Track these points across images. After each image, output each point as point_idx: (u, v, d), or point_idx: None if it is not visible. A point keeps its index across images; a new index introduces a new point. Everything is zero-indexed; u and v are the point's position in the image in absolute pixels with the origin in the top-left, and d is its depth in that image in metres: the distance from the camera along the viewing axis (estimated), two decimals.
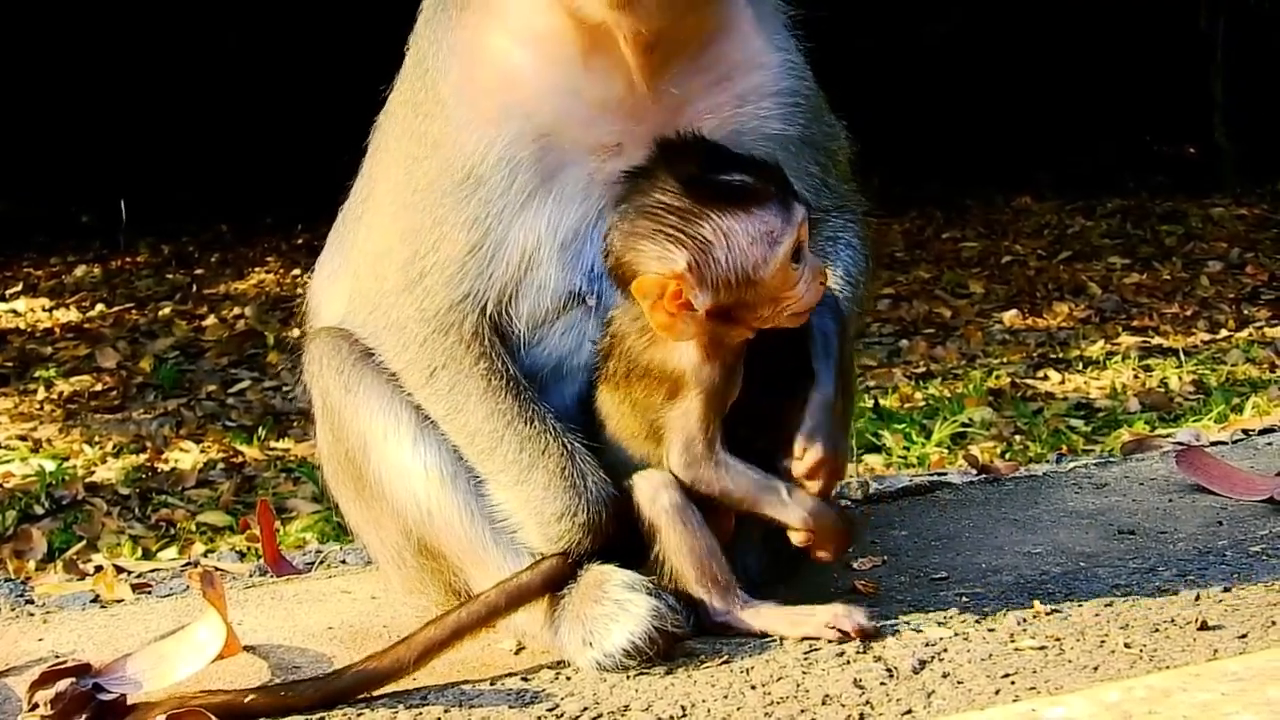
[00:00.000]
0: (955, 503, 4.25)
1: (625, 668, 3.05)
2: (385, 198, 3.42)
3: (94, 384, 9.97)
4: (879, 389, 8.86)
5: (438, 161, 3.26)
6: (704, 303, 3.02)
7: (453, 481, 3.27)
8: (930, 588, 3.47)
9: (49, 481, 7.59)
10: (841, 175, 3.49)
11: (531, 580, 3.16)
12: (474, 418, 3.23)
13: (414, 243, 3.28)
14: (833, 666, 3.01)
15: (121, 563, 5.17)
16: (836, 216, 3.46)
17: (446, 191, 3.24)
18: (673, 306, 3.02)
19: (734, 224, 3.02)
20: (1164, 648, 3.03)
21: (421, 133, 3.32)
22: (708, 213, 3.02)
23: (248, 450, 8.30)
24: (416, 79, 3.37)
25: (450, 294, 3.23)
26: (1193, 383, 8.84)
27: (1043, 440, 7.64)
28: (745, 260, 3.01)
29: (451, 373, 3.25)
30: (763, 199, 3.03)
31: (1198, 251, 12.77)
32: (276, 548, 4.36)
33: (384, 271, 3.35)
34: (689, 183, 3.03)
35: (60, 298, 12.46)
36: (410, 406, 3.31)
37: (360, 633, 3.47)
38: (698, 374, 3.11)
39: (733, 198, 3.02)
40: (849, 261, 3.42)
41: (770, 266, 3.02)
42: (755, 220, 3.02)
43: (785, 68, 3.35)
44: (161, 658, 3.14)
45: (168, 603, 3.89)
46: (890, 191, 13.72)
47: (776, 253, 3.02)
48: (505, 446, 3.21)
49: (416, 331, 3.27)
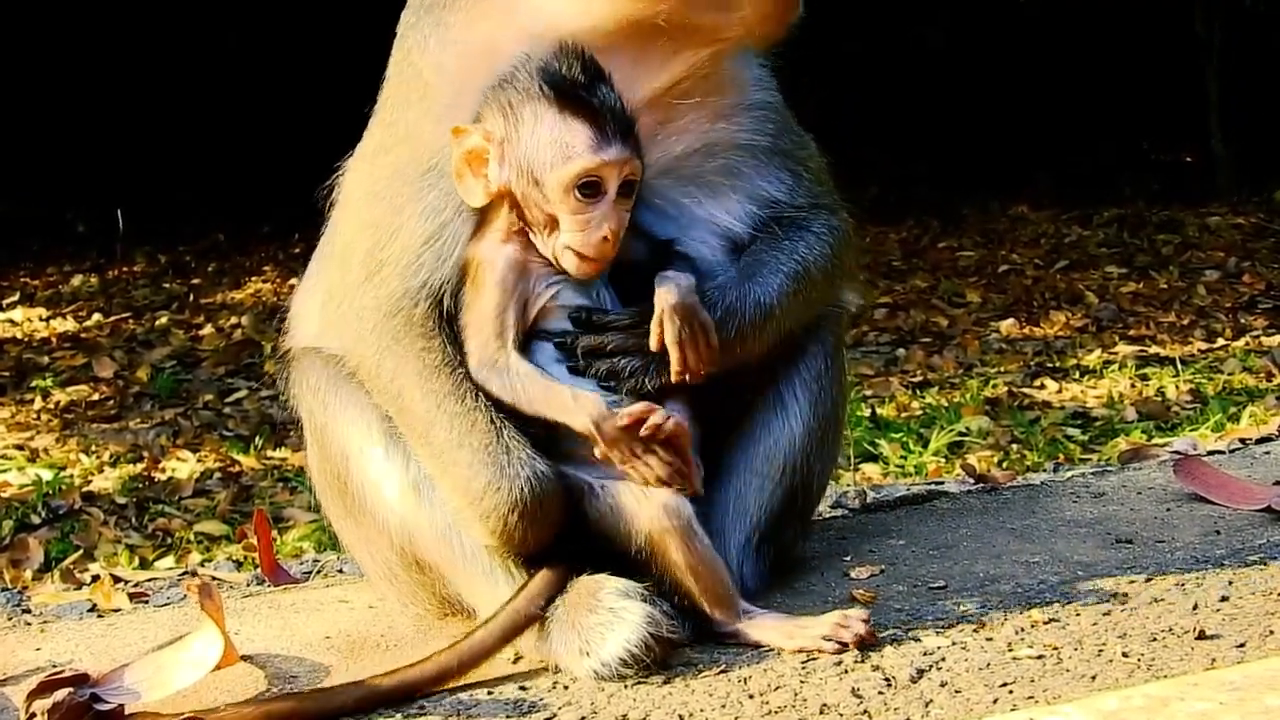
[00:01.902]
0: (953, 512, 4.25)
1: (623, 676, 3.04)
2: (353, 193, 3.44)
3: (91, 393, 9.97)
4: (876, 398, 8.87)
5: (405, 151, 3.29)
6: (498, 176, 3.14)
7: (419, 492, 3.28)
8: (928, 596, 3.47)
9: (46, 491, 7.60)
10: (815, 179, 3.54)
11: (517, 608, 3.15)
12: (412, 402, 3.23)
13: (375, 233, 3.30)
14: (831, 675, 3.00)
15: (118, 572, 5.17)
16: (809, 214, 3.49)
17: (409, 180, 3.26)
18: (474, 161, 3.15)
19: (549, 121, 3.12)
20: (1162, 657, 3.03)
21: (394, 122, 3.35)
22: (540, 99, 3.13)
23: (244, 459, 8.30)
24: (400, 74, 3.39)
25: (405, 283, 3.24)
26: (1190, 392, 8.85)
27: (1040, 449, 7.65)
28: (536, 156, 3.13)
29: (395, 358, 3.24)
30: (587, 119, 3.11)
31: (1194, 260, 12.78)
32: (273, 557, 4.35)
33: (348, 264, 3.37)
34: (547, 72, 3.13)
35: (57, 307, 12.47)
36: (382, 418, 3.31)
37: (358, 642, 3.47)
38: (493, 264, 3.18)
39: (565, 102, 3.12)
40: (801, 244, 3.44)
41: (553, 177, 3.12)
42: (566, 130, 3.12)
43: (755, 82, 3.45)
44: (159, 668, 3.13)
45: (165, 612, 3.88)
46: (886, 200, 13.76)
47: (565, 168, 3.11)
48: (437, 429, 3.20)
49: (371, 320, 3.28)
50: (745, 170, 3.41)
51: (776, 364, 3.47)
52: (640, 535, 3.13)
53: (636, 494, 3.14)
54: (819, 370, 3.53)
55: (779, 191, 3.43)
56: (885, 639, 3.16)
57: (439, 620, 3.47)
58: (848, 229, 3.57)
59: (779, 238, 3.41)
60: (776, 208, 3.44)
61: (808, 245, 3.44)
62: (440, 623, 3.47)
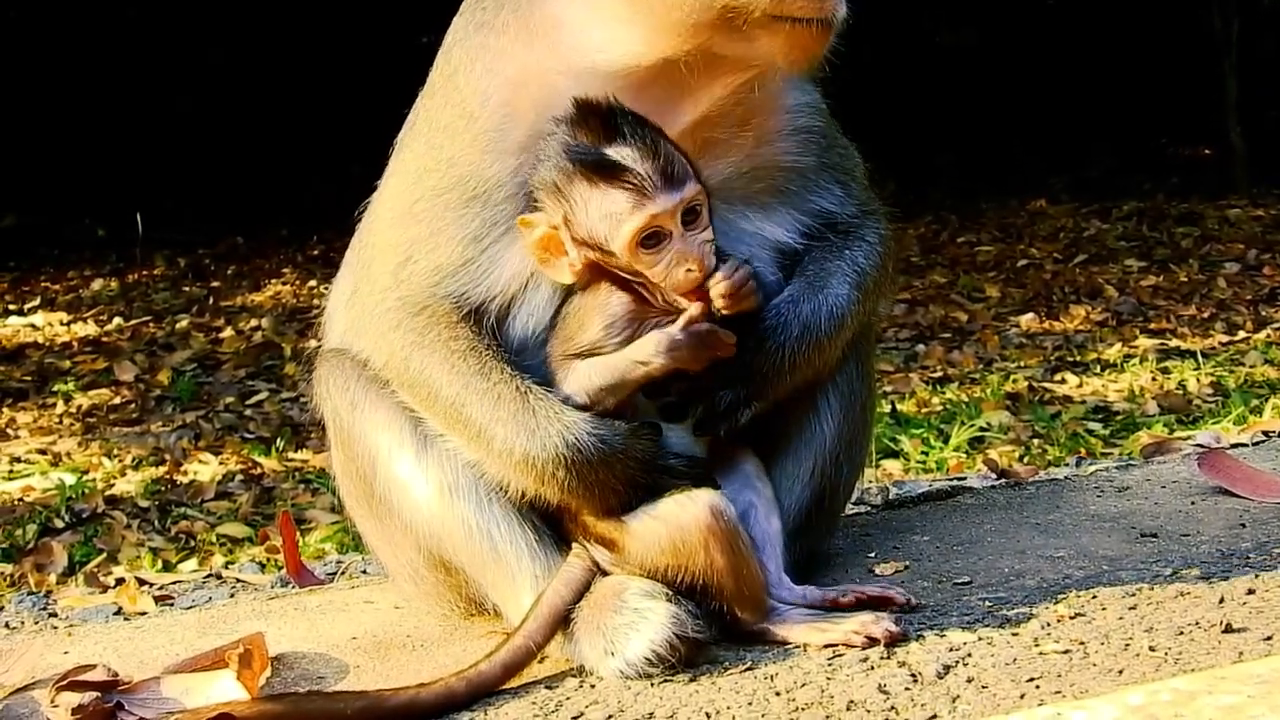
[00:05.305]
0: (976, 507, 4.24)
1: (649, 675, 3.05)
2: (389, 207, 3.45)
3: (112, 397, 10.00)
4: (896, 394, 8.86)
5: (450, 177, 3.30)
6: (577, 254, 3.19)
7: (453, 494, 3.28)
8: (953, 592, 3.47)
9: (69, 495, 7.62)
10: (861, 185, 3.59)
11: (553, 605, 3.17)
12: (441, 389, 3.24)
13: (409, 249, 3.32)
14: (857, 672, 3.01)
15: (143, 575, 5.19)
16: (858, 221, 3.53)
17: (451, 206, 3.28)
18: (550, 247, 3.20)
19: (590, 196, 3.16)
20: (1189, 651, 3.03)
21: (439, 146, 3.34)
22: (576, 178, 3.17)
23: (266, 462, 8.32)
24: (445, 95, 3.39)
25: (434, 290, 3.28)
26: (1211, 384, 8.82)
27: (1061, 444, 7.64)
28: (595, 230, 3.16)
29: (423, 351, 3.26)
30: (620, 183, 3.14)
31: (1214, 253, 12.75)
32: (299, 558, 4.37)
33: (375, 274, 3.39)
34: (570, 148, 3.17)
35: (77, 311, 12.51)
36: (412, 420, 3.33)
37: (384, 643, 3.48)
38: (605, 307, 3.21)
39: (594, 174, 3.15)
40: (859, 253, 3.48)
41: (617, 245, 3.15)
42: (606, 200, 3.15)
43: (801, 109, 3.47)
44: (188, 690, 3.13)
45: (191, 614, 3.90)
46: (905, 196, 13.72)
47: (620, 235, 3.14)
48: (469, 409, 3.21)
49: (396, 317, 3.30)
50: (794, 188, 3.45)
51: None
52: (684, 538, 3.11)
53: (679, 499, 3.12)
54: (851, 376, 3.55)
55: (831, 203, 3.48)
56: (911, 635, 3.16)
57: (464, 620, 3.48)
58: (890, 234, 3.60)
59: (837, 246, 3.45)
60: (829, 217, 3.48)
61: (865, 254, 3.48)
62: (466, 623, 3.48)
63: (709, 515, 3.10)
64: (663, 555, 3.12)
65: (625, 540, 3.15)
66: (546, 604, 3.15)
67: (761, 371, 3.26)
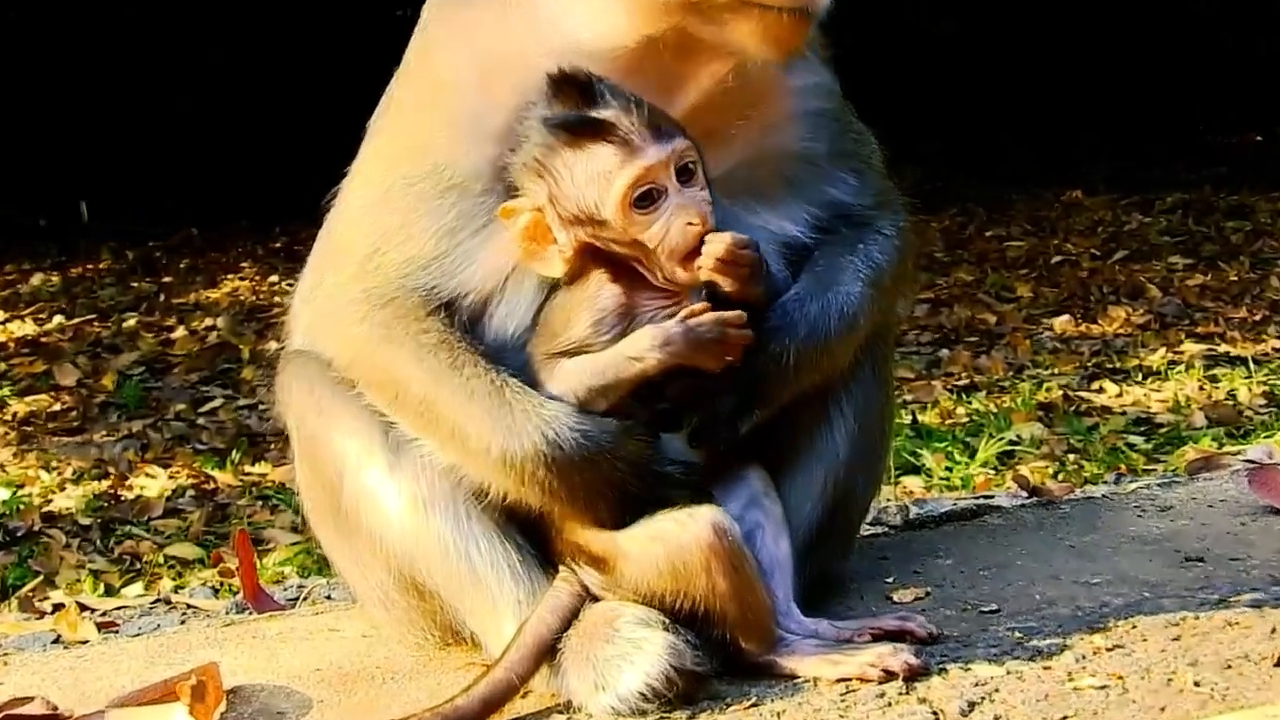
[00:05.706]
0: (1005, 528, 4.25)
1: (643, 712, 3.05)
2: (358, 195, 3.47)
3: (51, 403, 10.00)
4: (917, 404, 8.87)
5: (422, 165, 3.31)
6: (566, 237, 3.19)
7: (428, 508, 3.29)
8: (979, 621, 3.48)
9: (2, 511, 7.61)
10: (878, 174, 3.60)
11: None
12: (411, 386, 3.25)
13: (378, 240, 3.33)
14: (873, 709, 3.01)
15: (84, 600, 5.19)
16: (874, 213, 3.55)
17: (425, 196, 3.30)
18: (537, 236, 3.20)
19: (576, 161, 3.17)
20: (1237, 686, 3.03)
21: (413, 130, 3.37)
22: (559, 147, 3.17)
23: (220, 475, 8.32)
24: (420, 74, 3.41)
25: (404, 282, 3.29)
26: (1264, 394, 8.84)
27: (1099, 459, 7.65)
28: (584, 199, 3.17)
29: (390, 346, 3.28)
30: (606, 138, 3.15)
31: (1267, 249, 12.76)
32: (257, 581, 4.37)
33: (341, 265, 3.40)
34: (549, 119, 3.18)
35: (14, 309, 12.51)
36: (384, 425, 3.33)
37: (350, 675, 3.48)
38: (594, 301, 3.20)
39: (578, 136, 3.16)
40: (875, 247, 3.49)
41: (609, 208, 3.15)
42: (593, 160, 3.16)
43: (811, 91, 3.48)
44: None
45: (138, 643, 3.90)
46: (928, 187, 13.74)
47: (613, 193, 3.13)
48: (440, 407, 3.21)
49: (362, 310, 3.31)
50: (804, 178, 3.46)
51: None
52: (684, 559, 3.10)
53: (678, 517, 3.12)
54: (866, 383, 3.56)
55: (844, 193, 3.50)
56: (933, 668, 3.15)
57: (439, 650, 3.48)
58: (909, 228, 3.61)
59: (850, 240, 3.47)
60: (842, 208, 3.49)
61: (880, 248, 3.49)
62: (441, 653, 3.48)
63: (711, 534, 3.09)
64: (660, 578, 3.12)
65: (618, 561, 3.15)
66: (530, 632, 3.15)
67: (764, 375, 3.26)
